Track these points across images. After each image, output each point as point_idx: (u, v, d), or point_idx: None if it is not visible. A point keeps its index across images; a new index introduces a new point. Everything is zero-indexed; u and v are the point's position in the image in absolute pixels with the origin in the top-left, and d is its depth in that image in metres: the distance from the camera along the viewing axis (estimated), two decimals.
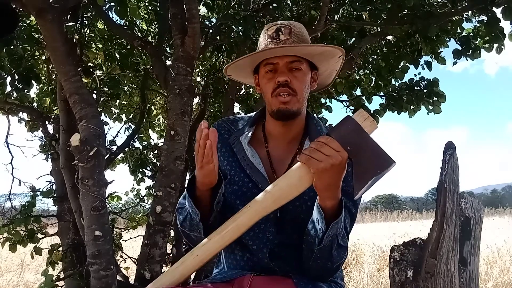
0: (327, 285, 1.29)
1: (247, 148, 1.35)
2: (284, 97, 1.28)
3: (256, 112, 1.46)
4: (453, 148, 1.67)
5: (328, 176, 1.09)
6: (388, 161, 1.12)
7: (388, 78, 4.42)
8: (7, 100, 3.63)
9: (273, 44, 1.30)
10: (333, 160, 1.08)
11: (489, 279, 4.99)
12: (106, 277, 2.24)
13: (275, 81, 1.28)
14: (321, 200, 1.14)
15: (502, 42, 3.64)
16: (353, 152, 1.11)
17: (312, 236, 1.19)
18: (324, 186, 1.11)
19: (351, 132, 1.13)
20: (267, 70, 1.31)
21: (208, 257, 1.16)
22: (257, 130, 1.42)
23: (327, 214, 1.14)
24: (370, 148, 1.13)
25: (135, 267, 2.69)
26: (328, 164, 1.08)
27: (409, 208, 29.65)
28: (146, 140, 5.06)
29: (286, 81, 1.27)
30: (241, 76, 1.45)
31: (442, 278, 1.58)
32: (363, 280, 5.33)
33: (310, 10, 3.90)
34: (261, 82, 1.35)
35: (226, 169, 1.37)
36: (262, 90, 1.35)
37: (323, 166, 1.08)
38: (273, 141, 1.39)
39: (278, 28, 1.30)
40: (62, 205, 3.45)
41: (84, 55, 3.45)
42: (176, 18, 2.74)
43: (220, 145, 1.39)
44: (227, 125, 1.43)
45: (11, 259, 7.18)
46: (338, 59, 1.37)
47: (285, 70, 1.29)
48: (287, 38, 1.29)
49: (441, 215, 1.62)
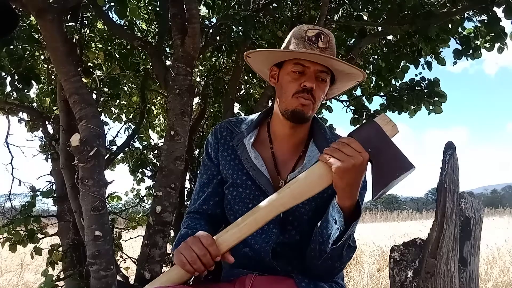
0: (328, 285, 1.30)
1: (250, 150, 1.35)
2: (305, 100, 1.28)
3: (259, 113, 1.45)
4: (453, 148, 1.67)
5: (349, 176, 1.10)
6: (408, 165, 1.13)
7: (388, 78, 4.42)
8: (7, 100, 3.63)
9: (312, 48, 1.28)
10: (355, 160, 1.09)
11: (489, 279, 4.99)
12: (106, 277, 2.24)
13: (301, 84, 1.27)
14: (339, 199, 1.14)
15: (503, 41, 3.64)
16: (374, 154, 1.13)
17: (325, 236, 1.19)
18: (344, 185, 1.12)
19: (373, 134, 1.15)
20: (295, 70, 1.29)
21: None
22: (261, 132, 1.41)
23: (345, 214, 1.15)
24: (390, 151, 1.15)
25: (135, 267, 2.68)
26: (350, 163, 1.09)
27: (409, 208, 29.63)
28: (146, 140, 5.06)
29: (312, 88, 1.27)
30: (256, 63, 1.42)
31: (442, 278, 1.58)
32: (363, 280, 5.33)
33: (310, 10, 3.90)
34: (283, 79, 1.32)
35: (228, 173, 1.37)
36: (282, 86, 1.32)
37: (344, 166, 1.09)
38: (278, 142, 1.38)
39: (318, 33, 1.29)
40: (62, 205, 3.45)
41: (84, 55, 3.45)
42: (176, 18, 2.73)
43: (222, 148, 1.39)
44: (229, 127, 1.43)
45: (11, 259, 7.18)
46: (354, 82, 1.38)
47: (313, 76, 1.28)
48: (324, 46, 1.29)
49: (441, 215, 1.62)
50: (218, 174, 1.40)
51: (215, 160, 1.40)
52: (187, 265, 1.11)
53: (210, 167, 1.41)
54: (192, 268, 1.11)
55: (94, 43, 3.82)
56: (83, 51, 3.39)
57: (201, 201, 1.40)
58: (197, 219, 1.37)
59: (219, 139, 1.41)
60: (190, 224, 1.35)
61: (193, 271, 1.12)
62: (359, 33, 3.94)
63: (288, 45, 1.33)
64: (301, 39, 1.30)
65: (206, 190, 1.41)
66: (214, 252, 1.12)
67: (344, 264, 1.26)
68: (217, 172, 1.40)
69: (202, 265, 1.12)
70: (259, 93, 4.63)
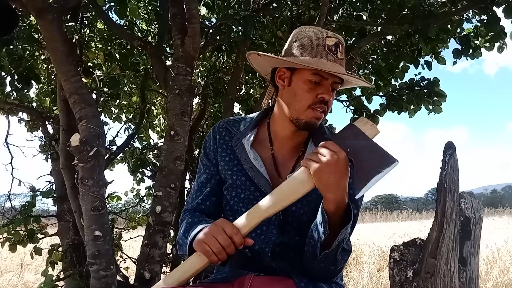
0: (327, 285, 1.29)
1: (249, 151, 1.33)
2: (320, 113, 1.27)
3: (258, 113, 1.43)
4: (453, 148, 1.68)
5: (326, 176, 1.11)
6: (389, 160, 1.14)
7: (388, 78, 4.42)
8: (7, 100, 3.63)
9: (332, 58, 1.25)
10: (328, 158, 1.11)
11: (489, 279, 4.99)
12: (106, 277, 2.24)
13: (318, 95, 1.25)
14: (325, 203, 1.15)
15: (503, 41, 3.64)
16: (353, 153, 1.14)
17: (315, 239, 1.19)
18: (324, 186, 1.12)
19: (350, 135, 1.17)
20: (313, 80, 1.25)
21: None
22: (260, 132, 1.40)
23: (331, 218, 1.15)
24: (370, 149, 1.16)
25: (135, 267, 2.68)
26: (323, 163, 1.11)
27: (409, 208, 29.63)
28: (146, 140, 5.06)
29: (328, 100, 1.27)
30: (262, 62, 1.38)
31: (442, 278, 1.58)
32: (363, 280, 5.33)
33: (309, 10, 3.90)
34: (298, 86, 1.27)
35: (227, 173, 1.36)
36: (296, 93, 1.28)
37: (319, 166, 1.11)
38: (278, 143, 1.37)
39: (337, 42, 1.26)
40: (62, 205, 3.45)
41: (84, 55, 3.45)
42: (176, 18, 2.73)
43: (221, 148, 1.38)
44: (228, 126, 1.41)
45: (11, 259, 7.19)
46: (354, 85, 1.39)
47: (330, 88, 1.27)
48: (342, 57, 1.27)
49: (441, 215, 1.62)
50: (217, 174, 1.39)
51: (214, 160, 1.40)
52: (213, 255, 1.14)
53: (208, 166, 1.40)
54: (217, 258, 1.14)
55: (94, 43, 3.82)
56: (83, 51, 3.40)
57: (198, 200, 1.39)
58: (197, 216, 1.37)
59: (217, 139, 1.40)
60: (192, 217, 1.34)
61: (217, 260, 1.14)
62: (359, 33, 3.94)
63: (304, 49, 1.27)
64: (320, 47, 1.26)
65: (204, 189, 1.40)
66: (238, 240, 1.14)
67: (340, 267, 1.26)
68: (216, 172, 1.39)
69: (226, 255, 1.14)
70: (259, 93, 4.63)
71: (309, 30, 1.30)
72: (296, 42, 1.30)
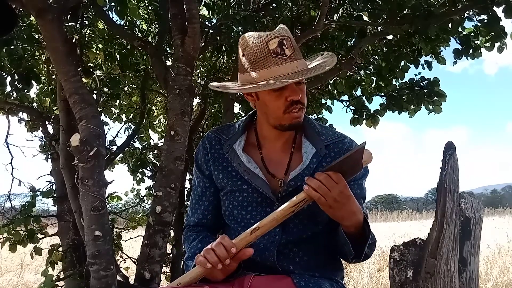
0: (328, 283, 1.30)
1: (241, 154, 1.35)
2: (297, 112, 1.28)
3: (245, 118, 1.45)
4: (453, 148, 1.68)
5: (338, 214, 1.21)
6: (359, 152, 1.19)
7: (388, 78, 4.41)
8: (7, 100, 3.63)
9: (281, 61, 1.23)
10: (333, 196, 1.18)
11: (489, 279, 4.99)
12: (106, 277, 2.24)
13: (287, 99, 1.25)
14: (344, 227, 1.25)
15: (503, 40, 3.64)
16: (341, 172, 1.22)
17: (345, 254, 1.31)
18: (339, 219, 1.23)
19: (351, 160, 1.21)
20: (275, 89, 1.24)
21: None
22: (249, 136, 1.41)
23: (352, 235, 1.25)
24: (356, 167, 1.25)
25: (135, 267, 2.68)
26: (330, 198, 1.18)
27: (409, 208, 29.62)
28: (146, 140, 5.06)
29: (299, 99, 1.26)
30: (228, 87, 1.39)
31: (442, 278, 1.58)
32: (363, 280, 5.34)
33: (309, 10, 3.90)
34: (265, 98, 1.29)
35: (223, 181, 1.37)
36: (266, 105, 1.29)
37: (326, 202, 1.19)
38: (268, 144, 1.39)
39: (280, 41, 1.23)
40: (62, 205, 3.45)
41: (84, 55, 3.44)
42: (176, 18, 2.73)
43: (213, 158, 1.39)
44: (217, 135, 1.42)
45: (11, 259, 7.18)
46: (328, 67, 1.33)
47: (295, 87, 1.26)
48: (291, 52, 1.24)
49: (441, 215, 1.62)
50: (212, 185, 1.41)
51: (207, 172, 1.41)
52: (207, 263, 1.18)
53: (202, 179, 1.42)
54: (211, 265, 1.18)
55: (94, 43, 3.82)
56: (83, 51, 3.39)
57: (199, 215, 1.42)
58: (200, 231, 1.40)
59: (208, 149, 1.40)
60: (197, 237, 1.38)
61: (211, 267, 1.18)
62: (359, 33, 3.94)
63: (253, 63, 1.25)
64: (267, 55, 1.23)
65: (201, 202, 1.42)
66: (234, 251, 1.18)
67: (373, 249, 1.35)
68: (210, 183, 1.41)
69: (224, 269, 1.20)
70: None
71: (250, 40, 1.27)
72: (244, 57, 1.29)
